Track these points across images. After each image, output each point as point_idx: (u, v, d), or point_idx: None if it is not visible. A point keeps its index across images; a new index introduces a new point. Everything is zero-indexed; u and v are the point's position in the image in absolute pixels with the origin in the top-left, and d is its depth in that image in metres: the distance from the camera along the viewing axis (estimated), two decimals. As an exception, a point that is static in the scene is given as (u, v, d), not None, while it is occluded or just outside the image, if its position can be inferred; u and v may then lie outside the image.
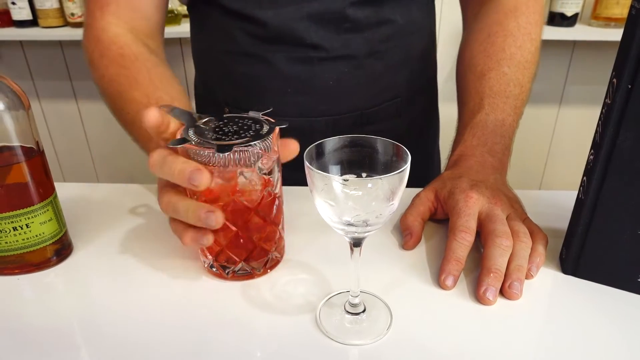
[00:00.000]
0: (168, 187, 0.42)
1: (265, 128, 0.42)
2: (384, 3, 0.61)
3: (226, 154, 0.38)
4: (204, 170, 0.38)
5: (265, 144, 0.40)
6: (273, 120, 0.43)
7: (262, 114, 0.44)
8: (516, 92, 0.58)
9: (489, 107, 0.57)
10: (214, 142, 0.39)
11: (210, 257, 0.45)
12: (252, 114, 0.44)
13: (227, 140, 0.39)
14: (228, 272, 0.45)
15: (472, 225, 0.47)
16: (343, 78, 0.63)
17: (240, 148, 0.39)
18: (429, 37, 0.71)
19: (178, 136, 0.41)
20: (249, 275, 0.46)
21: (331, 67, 0.62)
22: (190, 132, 0.41)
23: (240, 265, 0.45)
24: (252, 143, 0.39)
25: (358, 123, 0.66)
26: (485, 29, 0.63)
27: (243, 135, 0.40)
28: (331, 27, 0.60)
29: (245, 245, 0.44)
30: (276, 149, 0.42)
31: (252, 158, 0.40)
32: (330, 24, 0.60)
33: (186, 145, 0.39)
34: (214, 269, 0.46)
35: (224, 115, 0.44)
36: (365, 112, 0.66)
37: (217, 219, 0.39)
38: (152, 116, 0.40)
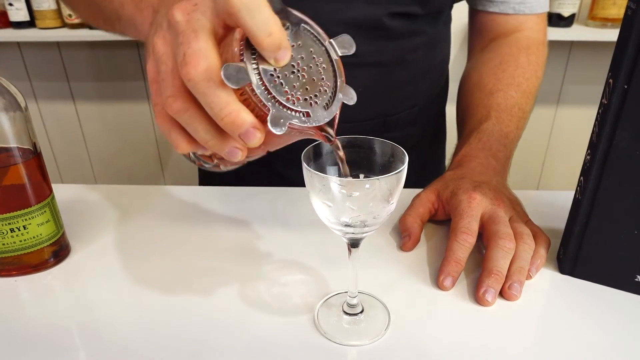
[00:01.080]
0: (183, 91, 0.31)
1: (331, 96, 0.33)
2: (418, 16, 0.62)
3: (279, 129, 0.30)
4: (262, 131, 0.30)
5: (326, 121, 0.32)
6: (344, 80, 0.34)
7: (340, 53, 0.34)
8: (519, 114, 0.62)
9: (495, 119, 0.60)
10: (275, 104, 0.30)
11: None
12: (332, 52, 0.33)
13: (288, 105, 0.30)
14: (206, 167, 0.40)
15: (474, 227, 0.47)
16: (372, 84, 0.64)
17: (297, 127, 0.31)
18: (447, 49, 0.73)
19: (236, 52, 0.29)
20: (216, 167, 0.41)
21: (362, 73, 0.62)
22: (253, 67, 0.29)
23: (215, 162, 0.40)
24: (310, 125, 0.31)
25: (379, 130, 0.67)
26: (497, 58, 0.66)
27: (305, 100, 0.31)
28: (367, 34, 0.60)
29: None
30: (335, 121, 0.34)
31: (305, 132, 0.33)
32: (366, 31, 0.60)
33: (248, 87, 0.29)
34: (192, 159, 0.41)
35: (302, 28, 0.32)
36: (387, 118, 0.67)
37: (242, 157, 0.33)
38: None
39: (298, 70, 0.31)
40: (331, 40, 0.33)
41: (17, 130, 0.43)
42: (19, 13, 1.46)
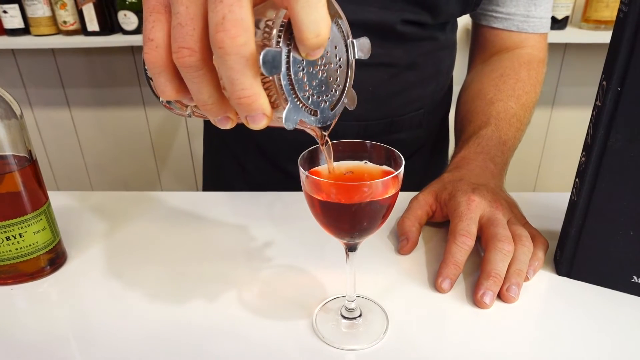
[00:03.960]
0: (203, 48, 0.28)
1: (337, 98, 0.33)
2: (428, 24, 0.63)
3: (290, 125, 0.30)
4: (270, 117, 0.29)
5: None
6: (351, 84, 0.34)
7: (357, 56, 0.33)
8: (517, 125, 0.63)
9: (494, 126, 0.61)
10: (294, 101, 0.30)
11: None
12: (351, 53, 0.33)
13: (304, 100, 0.30)
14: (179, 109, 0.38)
15: (473, 229, 0.47)
16: (380, 85, 0.64)
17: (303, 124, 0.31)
18: (453, 54, 0.74)
19: (274, 39, 0.28)
20: (188, 116, 0.39)
21: (371, 73, 0.63)
22: (284, 58, 0.28)
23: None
24: (316, 125, 0.32)
25: (387, 130, 0.68)
26: (499, 70, 0.68)
27: (318, 99, 0.31)
28: (378, 37, 0.61)
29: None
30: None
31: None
32: (378, 34, 0.61)
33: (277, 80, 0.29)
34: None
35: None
36: (394, 119, 0.68)
37: (231, 126, 0.32)
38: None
39: (320, 66, 0.31)
40: (353, 40, 0.33)
41: (13, 138, 0.43)
42: (13, 20, 1.46)
